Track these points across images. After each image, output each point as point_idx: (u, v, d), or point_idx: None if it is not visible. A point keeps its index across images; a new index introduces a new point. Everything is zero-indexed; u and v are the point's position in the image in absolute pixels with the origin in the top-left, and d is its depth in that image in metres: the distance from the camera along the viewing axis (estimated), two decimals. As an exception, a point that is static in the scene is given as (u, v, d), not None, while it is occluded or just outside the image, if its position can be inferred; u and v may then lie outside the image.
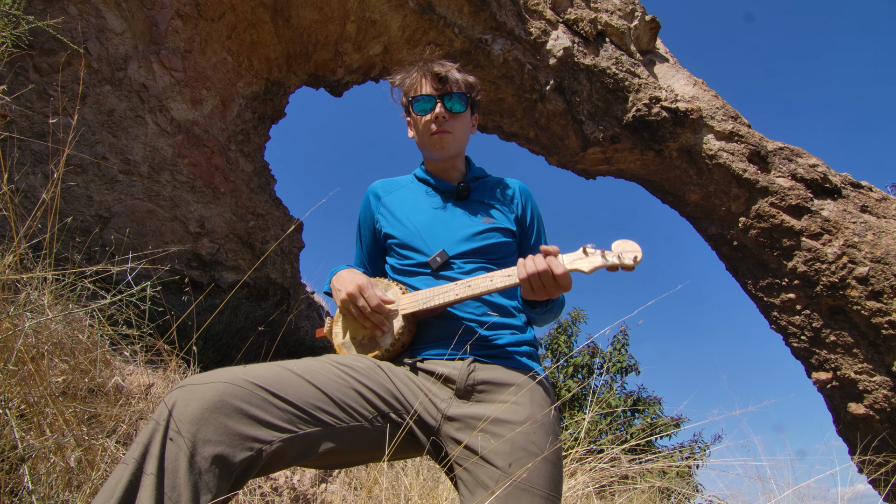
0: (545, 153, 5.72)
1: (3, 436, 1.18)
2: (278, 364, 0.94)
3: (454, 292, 1.06)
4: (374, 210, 1.28)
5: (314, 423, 0.89)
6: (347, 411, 0.94)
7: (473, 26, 4.71)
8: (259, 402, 0.84)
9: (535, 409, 1.02)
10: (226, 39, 4.32)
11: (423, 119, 1.22)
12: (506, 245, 1.20)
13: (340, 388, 0.96)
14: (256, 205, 4.42)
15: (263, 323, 3.49)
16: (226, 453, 0.78)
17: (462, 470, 0.97)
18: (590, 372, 6.74)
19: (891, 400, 4.57)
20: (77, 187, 3.27)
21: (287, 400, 0.87)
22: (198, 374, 0.87)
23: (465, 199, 1.24)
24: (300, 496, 2.12)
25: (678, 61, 5.62)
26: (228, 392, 0.82)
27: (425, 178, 1.27)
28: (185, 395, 0.80)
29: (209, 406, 0.79)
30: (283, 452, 0.84)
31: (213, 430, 0.78)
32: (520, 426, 0.97)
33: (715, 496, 2.45)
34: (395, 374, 1.05)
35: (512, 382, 1.05)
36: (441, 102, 1.20)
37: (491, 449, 0.95)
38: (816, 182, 4.91)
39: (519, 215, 1.26)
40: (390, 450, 0.98)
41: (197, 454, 0.76)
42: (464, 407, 1.03)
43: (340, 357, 1.05)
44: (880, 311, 4.51)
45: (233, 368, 0.89)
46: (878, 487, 4.52)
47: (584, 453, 2.31)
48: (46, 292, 1.52)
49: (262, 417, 0.83)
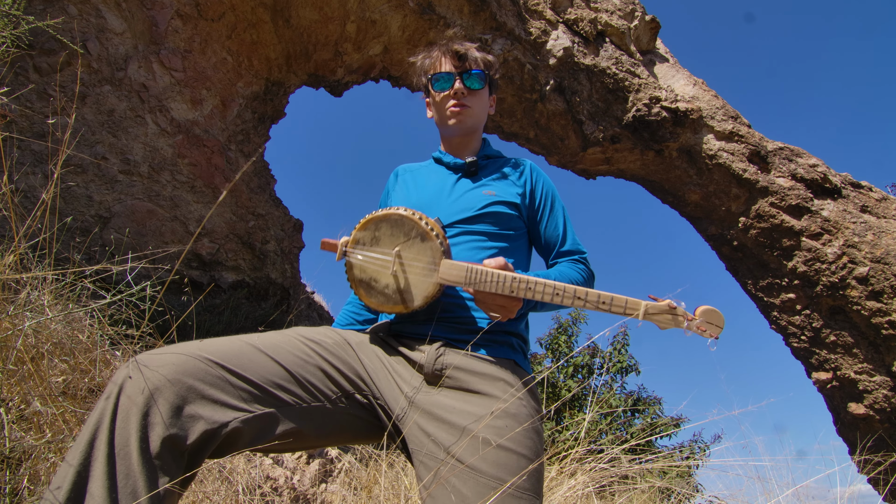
0: (545, 153, 5.72)
1: (3, 436, 1.18)
2: (239, 338, 0.90)
3: (506, 285, 0.92)
4: (389, 189, 1.30)
5: (273, 402, 0.85)
6: (310, 390, 0.90)
7: (473, 26, 4.71)
8: (214, 380, 0.81)
9: (511, 402, 0.93)
10: (226, 39, 4.32)
11: (441, 95, 1.23)
12: (507, 217, 1.15)
13: (304, 365, 0.91)
14: (256, 205, 4.42)
15: (263, 323, 3.49)
16: (179, 434, 0.75)
17: (422, 466, 0.89)
18: (590, 372, 6.74)
19: (891, 400, 4.58)
20: (77, 187, 3.27)
21: (245, 377, 0.84)
22: (152, 350, 0.83)
23: (474, 174, 1.23)
24: (300, 496, 2.12)
25: (678, 61, 5.62)
26: (182, 370, 0.79)
27: (439, 157, 1.29)
28: (135, 374, 0.77)
29: (161, 385, 0.76)
30: (239, 432, 0.81)
31: (166, 411, 0.75)
32: (491, 420, 0.88)
33: (715, 496, 2.45)
34: (364, 353, 1.00)
35: (485, 372, 0.97)
36: (460, 79, 1.20)
37: (456, 443, 0.87)
38: (816, 182, 4.91)
39: (526, 192, 1.21)
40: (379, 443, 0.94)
41: (149, 436, 0.74)
42: (432, 393, 0.95)
43: (306, 331, 0.99)
44: (880, 311, 4.51)
45: (189, 343, 0.85)
46: (878, 487, 4.52)
47: (584, 453, 2.31)
48: (46, 292, 1.52)
49: (217, 397, 0.80)
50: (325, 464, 2.34)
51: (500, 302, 0.95)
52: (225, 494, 1.77)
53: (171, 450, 0.75)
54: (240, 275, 4.10)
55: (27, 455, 1.22)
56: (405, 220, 0.97)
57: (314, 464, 2.29)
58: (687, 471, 4.61)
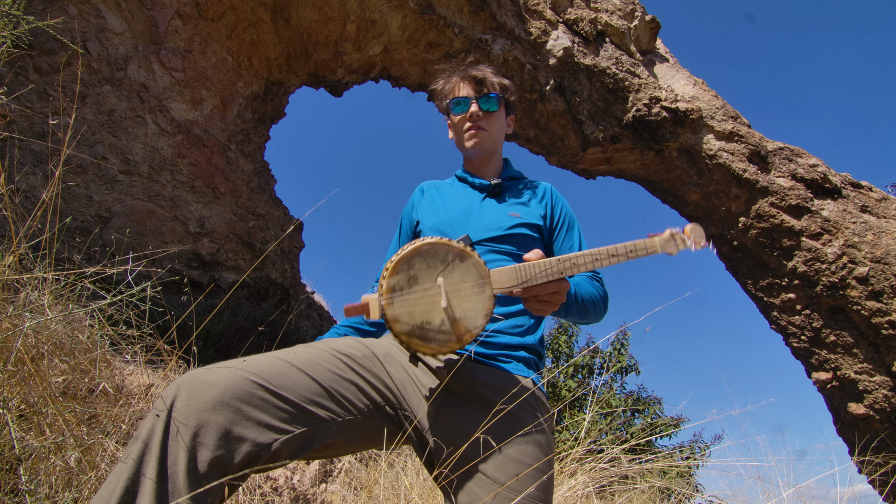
0: (545, 153, 5.72)
1: (3, 436, 1.18)
2: (277, 356, 0.93)
3: (554, 269, 0.91)
4: (415, 203, 1.35)
5: (310, 419, 0.89)
6: (343, 405, 0.94)
7: (473, 26, 4.71)
8: (258, 402, 0.84)
9: (526, 418, 1.00)
10: (226, 39, 4.32)
11: (459, 118, 1.30)
12: (530, 239, 1.21)
13: (338, 379, 0.95)
14: (256, 205, 4.42)
15: (263, 323, 3.49)
16: (224, 455, 0.78)
17: (449, 476, 0.97)
18: (590, 372, 6.74)
19: (891, 400, 4.58)
20: (77, 187, 3.27)
21: (285, 398, 0.87)
22: (198, 370, 0.86)
23: (499, 195, 1.29)
24: (300, 496, 2.12)
25: (678, 61, 5.62)
26: (230, 393, 0.82)
27: (463, 177, 1.35)
28: (185, 394, 0.80)
29: (208, 407, 0.80)
30: (279, 452, 0.85)
31: (213, 433, 0.78)
32: (509, 436, 0.96)
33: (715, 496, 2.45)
34: (391, 365, 1.04)
35: (505, 389, 1.02)
36: (476, 103, 1.28)
37: (478, 457, 0.94)
38: (816, 182, 4.91)
39: (547, 214, 1.28)
40: (393, 447, 0.98)
41: (197, 456, 0.76)
42: (455, 407, 1.01)
43: (337, 343, 1.02)
44: (880, 311, 4.51)
45: (233, 363, 0.89)
46: (878, 487, 4.53)
47: (584, 453, 2.31)
48: (46, 292, 1.52)
49: (260, 419, 0.83)
50: (325, 464, 2.34)
51: (552, 289, 0.94)
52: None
53: (217, 471, 0.78)
54: (240, 275, 4.10)
55: (27, 455, 1.22)
56: (438, 247, 0.90)
57: (314, 464, 2.30)
58: (687, 471, 4.61)
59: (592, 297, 1.16)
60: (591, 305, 1.14)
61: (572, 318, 1.15)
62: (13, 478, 1.20)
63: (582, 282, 1.18)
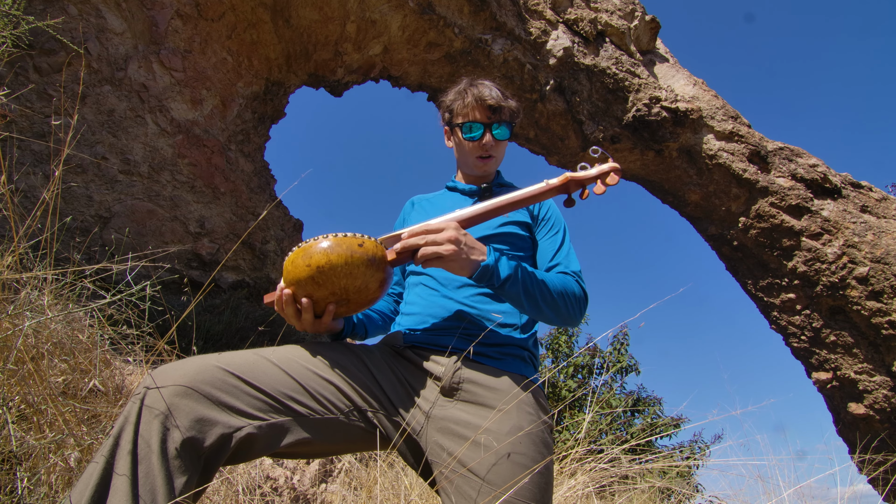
0: (545, 153, 5.72)
1: (3, 436, 1.18)
2: (253, 351, 0.94)
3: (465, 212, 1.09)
4: (406, 216, 1.39)
5: (286, 412, 0.89)
6: (323, 403, 0.93)
7: (473, 26, 4.71)
8: (229, 388, 0.85)
9: (522, 417, 0.98)
10: (226, 39, 4.32)
11: (470, 144, 1.30)
12: (519, 237, 1.22)
13: (317, 378, 0.94)
14: (256, 205, 4.42)
15: (263, 323, 3.49)
16: (196, 437, 0.80)
17: (444, 479, 0.95)
18: (590, 372, 6.74)
19: (891, 400, 4.57)
20: (77, 187, 3.27)
21: (259, 388, 0.88)
22: (171, 363, 0.88)
23: (488, 198, 1.28)
24: (300, 496, 2.12)
25: (678, 61, 5.62)
26: (199, 378, 0.84)
27: (453, 186, 1.37)
28: (157, 382, 0.83)
29: (179, 392, 0.81)
30: (252, 439, 0.85)
31: (184, 416, 0.80)
32: (505, 436, 0.95)
33: (715, 496, 2.45)
34: (376, 367, 1.03)
35: (499, 388, 1.01)
36: (489, 131, 1.27)
37: (473, 459, 0.93)
38: (816, 182, 4.91)
39: (534, 213, 1.29)
40: (388, 451, 0.97)
41: (168, 439, 0.78)
42: (447, 407, 1.00)
43: (319, 345, 1.02)
44: (880, 311, 4.51)
45: (206, 356, 0.90)
46: (878, 487, 4.53)
47: (584, 453, 2.31)
48: (46, 292, 1.52)
49: (231, 403, 0.84)
50: (325, 464, 2.34)
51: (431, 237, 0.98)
52: (225, 494, 1.77)
53: (188, 452, 0.79)
54: (240, 275, 4.10)
55: (27, 455, 1.22)
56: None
57: (314, 464, 2.30)
58: (687, 471, 4.61)
59: (559, 286, 1.07)
60: (557, 295, 1.06)
61: (532, 302, 1.04)
62: (14, 478, 1.20)
63: (550, 273, 1.13)
